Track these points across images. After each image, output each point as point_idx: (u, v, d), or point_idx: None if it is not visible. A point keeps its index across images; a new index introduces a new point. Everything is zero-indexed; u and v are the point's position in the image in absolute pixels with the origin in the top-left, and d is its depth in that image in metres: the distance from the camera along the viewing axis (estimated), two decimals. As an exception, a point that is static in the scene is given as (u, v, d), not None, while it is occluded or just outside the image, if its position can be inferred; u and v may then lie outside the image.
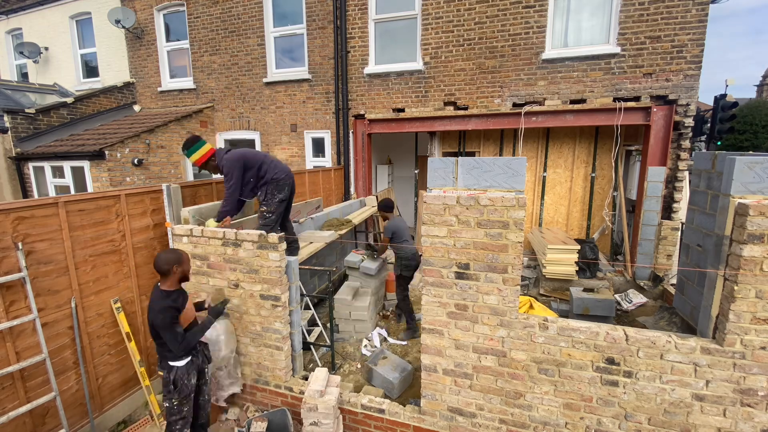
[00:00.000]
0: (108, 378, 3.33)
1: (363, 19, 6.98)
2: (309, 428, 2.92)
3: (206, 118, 8.36)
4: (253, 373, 3.48)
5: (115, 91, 8.87)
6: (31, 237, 2.76)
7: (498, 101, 6.45)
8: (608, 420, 2.49)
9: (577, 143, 6.84)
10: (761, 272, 2.11)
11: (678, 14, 5.43)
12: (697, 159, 2.97)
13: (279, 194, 3.72)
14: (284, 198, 3.77)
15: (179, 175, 7.71)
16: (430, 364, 2.83)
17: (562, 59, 6.05)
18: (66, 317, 3.00)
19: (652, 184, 5.82)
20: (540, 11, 6.01)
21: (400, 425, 3.04)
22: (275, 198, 3.71)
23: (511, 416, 2.70)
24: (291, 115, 7.85)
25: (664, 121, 5.72)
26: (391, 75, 6.98)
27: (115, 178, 6.42)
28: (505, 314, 2.56)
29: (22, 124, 7.12)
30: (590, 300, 4.49)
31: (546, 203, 7.16)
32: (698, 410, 2.32)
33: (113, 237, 3.34)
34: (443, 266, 2.65)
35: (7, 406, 2.64)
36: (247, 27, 7.77)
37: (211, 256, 3.37)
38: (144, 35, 8.74)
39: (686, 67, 5.52)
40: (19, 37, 10.46)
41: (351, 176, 7.61)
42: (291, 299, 3.38)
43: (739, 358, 2.21)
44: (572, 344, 2.46)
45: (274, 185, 3.70)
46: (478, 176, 2.59)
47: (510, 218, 2.44)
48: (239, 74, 8.07)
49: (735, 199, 2.24)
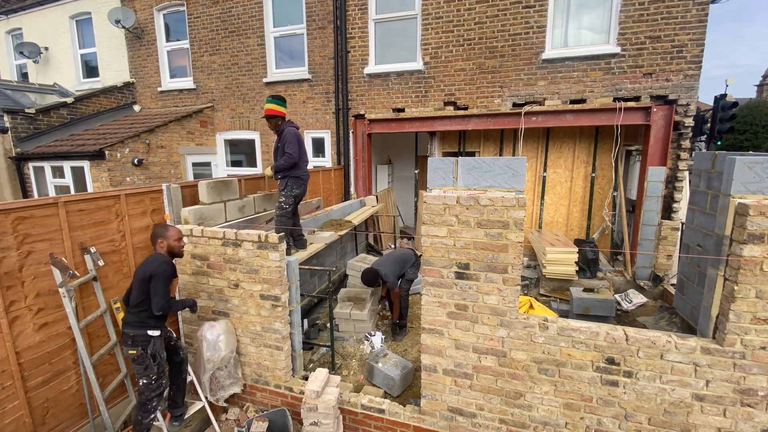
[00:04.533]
0: (108, 378, 3.33)
1: (363, 19, 6.98)
2: (309, 428, 2.92)
3: (206, 118, 8.36)
4: (253, 373, 3.48)
5: (115, 91, 8.87)
6: (31, 237, 2.76)
7: (498, 101, 6.45)
8: (608, 420, 2.49)
9: (577, 143, 6.84)
10: (761, 272, 2.11)
11: (678, 14, 5.43)
12: (697, 159, 2.97)
13: (296, 189, 4.09)
14: (299, 194, 4.13)
15: (179, 175, 7.71)
16: (430, 364, 2.83)
17: (562, 59, 6.05)
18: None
19: (652, 184, 5.82)
20: (540, 11, 6.01)
21: (400, 425, 3.04)
22: (293, 191, 4.07)
23: (511, 416, 2.70)
24: (291, 115, 7.85)
25: (664, 121, 5.72)
26: (391, 75, 6.98)
27: (115, 178, 6.42)
28: (505, 314, 2.56)
29: (22, 124, 7.12)
30: (590, 300, 4.49)
31: (546, 203, 7.16)
32: (698, 410, 2.32)
33: (113, 237, 3.34)
34: (443, 266, 2.65)
35: (7, 406, 2.64)
36: (247, 27, 7.77)
37: (211, 256, 3.37)
38: (144, 35, 8.74)
39: (686, 67, 5.52)
40: (19, 37, 10.46)
41: (351, 176, 7.61)
42: (291, 299, 3.38)
43: (739, 358, 2.21)
44: (572, 344, 2.46)
45: (296, 180, 4.08)
46: (478, 176, 2.59)
47: (510, 218, 2.44)
48: (239, 74, 8.06)
49: (735, 199, 2.24)
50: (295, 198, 4.10)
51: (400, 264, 4.70)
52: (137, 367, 2.74)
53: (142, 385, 2.75)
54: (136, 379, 2.78)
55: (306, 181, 4.19)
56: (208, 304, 3.51)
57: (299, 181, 4.10)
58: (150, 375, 2.72)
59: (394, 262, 4.66)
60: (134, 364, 2.75)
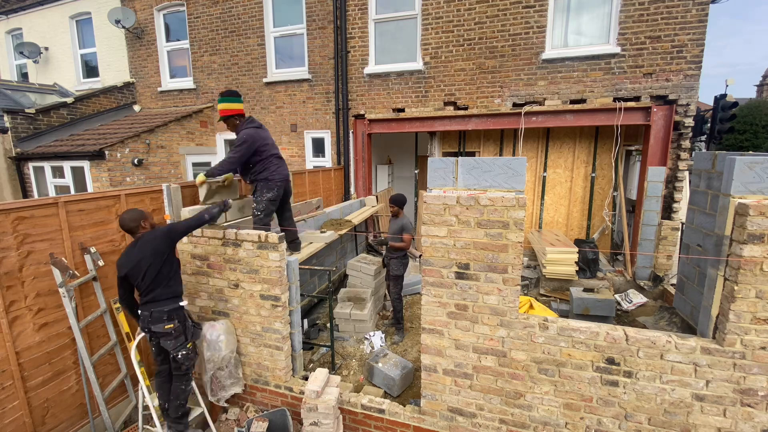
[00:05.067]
0: (108, 378, 3.33)
1: (363, 19, 6.98)
2: (309, 428, 2.92)
3: (206, 118, 8.36)
4: (253, 374, 3.48)
5: (115, 91, 8.87)
6: (31, 237, 2.76)
7: (498, 101, 6.45)
8: (608, 420, 2.49)
9: (577, 143, 6.84)
10: (761, 272, 2.11)
11: (678, 14, 5.43)
12: (697, 159, 2.97)
13: (268, 194, 3.75)
14: (273, 198, 3.79)
15: (179, 175, 7.71)
16: (430, 364, 2.83)
17: (562, 59, 6.05)
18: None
19: (652, 184, 5.82)
20: (540, 11, 6.01)
21: (400, 425, 3.04)
22: (264, 196, 3.74)
23: (511, 416, 2.70)
24: (291, 115, 7.85)
25: (664, 121, 5.72)
26: (391, 75, 6.98)
27: (115, 178, 6.42)
28: (505, 314, 2.56)
29: (22, 124, 7.12)
30: (590, 300, 4.49)
31: (546, 203, 7.16)
32: (698, 410, 2.32)
33: (113, 237, 3.34)
34: (443, 266, 2.65)
35: (7, 406, 2.64)
36: (247, 27, 7.77)
37: (211, 256, 3.37)
38: (144, 35, 8.74)
39: (686, 67, 5.52)
40: (19, 37, 10.45)
41: (351, 176, 7.61)
42: (291, 299, 3.38)
43: (739, 358, 2.20)
44: (572, 344, 2.46)
45: (264, 184, 3.74)
46: (478, 176, 2.59)
47: (510, 218, 2.44)
48: (239, 74, 8.06)
49: (735, 199, 2.24)
50: (269, 202, 3.75)
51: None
52: (173, 341, 2.71)
53: (181, 357, 2.74)
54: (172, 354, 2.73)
55: (278, 182, 3.78)
56: (208, 304, 3.51)
57: (269, 183, 3.72)
58: (186, 345, 2.75)
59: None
60: (170, 339, 2.71)
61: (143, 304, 2.71)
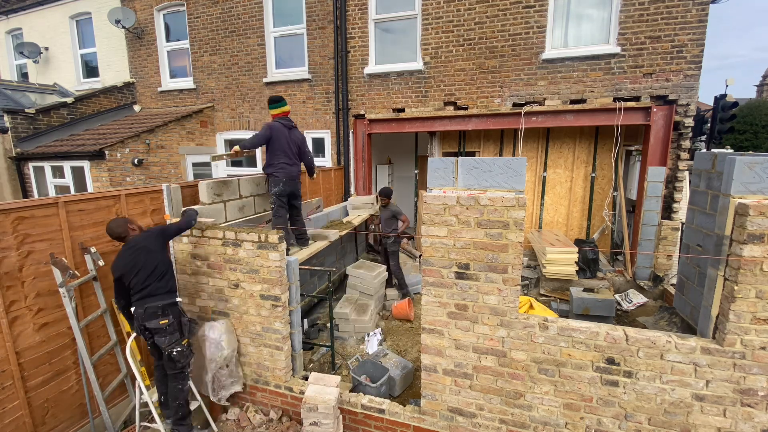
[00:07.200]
0: (108, 378, 3.33)
1: (363, 19, 6.98)
2: (309, 428, 2.93)
3: (206, 118, 8.36)
4: (253, 373, 3.48)
5: (115, 91, 8.87)
6: (31, 237, 2.76)
7: (498, 101, 6.45)
8: (608, 420, 2.50)
9: (577, 143, 6.84)
10: (761, 272, 2.11)
11: (678, 14, 5.43)
12: (697, 159, 2.97)
13: (274, 188, 4.15)
14: (279, 193, 4.15)
15: (179, 175, 7.71)
16: (430, 364, 2.83)
17: (562, 59, 6.05)
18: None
19: (652, 184, 5.82)
20: (540, 11, 6.01)
21: (400, 425, 3.04)
22: (272, 189, 4.18)
23: (511, 416, 2.70)
24: (291, 115, 7.81)
25: (664, 121, 5.72)
26: (391, 75, 6.98)
27: (115, 178, 6.42)
28: (505, 314, 2.56)
29: (22, 124, 7.12)
30: (590, 300, 4.49)
31: (546, 203, 7.16)
32: (698, 410, 2.32)
33: (113, 237, 3.33)
34: (443, 266, 2.65)
35: (7, 406, 2.64)
36: (247, 27, 7.77)
37: (211, 256, 3.37)
38: (144, 35, 8.74)
39: (686, 67, 5.52)
40: (19, 37, 10.45)
41: (351, 176, 7.61)
42: (291, 299, 3.38)
43: (739, 358, 2.21)
44: (572, 344, 2.46)
45: (271, 178, 4.20)
46: (478, 176, 2.59)
47: (510, 218, 2.44)
48: (239, 74, 8.06)
49: (735, 199, 2.24)
50: (277, 197, 4.13)
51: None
52: (167, 337, 2.73)
53: (176, 353, 2.75)
54: (166, 352, 2.74)
55: (281, 178, 4.13)
56: (208, 304, 3.51)
57: (274, 178, 4.14)
58: (181, 341, 2.77)
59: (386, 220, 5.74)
60: (164, 336, 2.73)
61: (137, 301, 2.75)
